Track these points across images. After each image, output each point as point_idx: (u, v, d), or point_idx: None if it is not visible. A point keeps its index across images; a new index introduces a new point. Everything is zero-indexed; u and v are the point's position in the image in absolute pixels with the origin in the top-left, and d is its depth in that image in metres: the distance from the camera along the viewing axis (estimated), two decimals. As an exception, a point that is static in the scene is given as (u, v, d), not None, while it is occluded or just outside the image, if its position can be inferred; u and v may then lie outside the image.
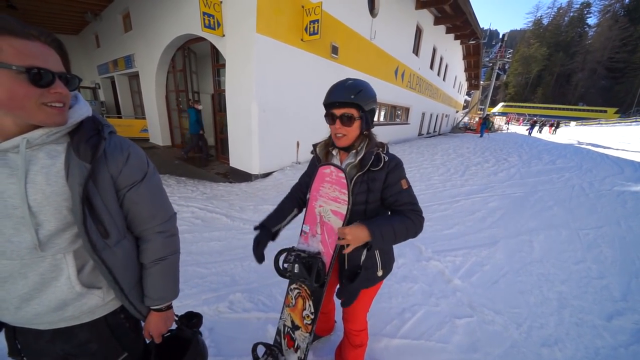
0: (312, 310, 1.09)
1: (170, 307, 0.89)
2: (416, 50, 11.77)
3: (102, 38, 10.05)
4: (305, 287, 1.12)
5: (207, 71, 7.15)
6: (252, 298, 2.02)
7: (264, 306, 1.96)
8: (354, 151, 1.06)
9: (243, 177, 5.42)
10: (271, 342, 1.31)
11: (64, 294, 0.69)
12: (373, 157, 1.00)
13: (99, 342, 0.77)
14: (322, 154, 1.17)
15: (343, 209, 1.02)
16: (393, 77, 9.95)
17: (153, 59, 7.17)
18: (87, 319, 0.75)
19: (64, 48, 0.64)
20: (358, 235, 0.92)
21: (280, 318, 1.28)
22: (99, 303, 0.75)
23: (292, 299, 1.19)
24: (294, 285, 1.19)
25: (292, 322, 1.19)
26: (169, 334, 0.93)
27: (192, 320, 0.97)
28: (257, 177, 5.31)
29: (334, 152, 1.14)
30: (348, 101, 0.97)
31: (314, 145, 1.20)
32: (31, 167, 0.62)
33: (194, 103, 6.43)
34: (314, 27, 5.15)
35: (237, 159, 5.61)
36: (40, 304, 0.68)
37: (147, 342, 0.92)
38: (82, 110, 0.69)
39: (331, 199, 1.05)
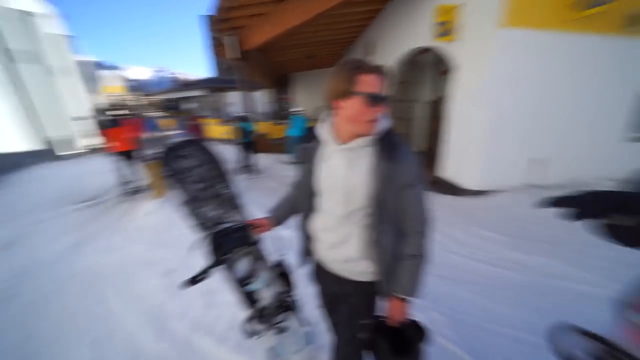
0: None
1: (406, 301, 0.93)
2: None
3: (350, 65, 13.08)
4: None
5: (423, 80, 7.31)
6: (451, 326, 1.83)
7: (459, 348, 1.71)
8: None
9: (449, 189, 4.99)
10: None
11: (349, 253, 0.95)
12: None
13: (356, 298, 1.01)
14: None
15: None
16: None
17: (384, 75, 8.37)
18: (354, 277, 1.00)
19: (386, 75, 0.82)
20: None
21: None
22: (364, 271, 0.97)
23: None
24: None
25: None
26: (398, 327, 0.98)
27: (418, 329, 0.97)
28: (468, 192, 4.67)
29: None
30: None
31: None
32: (354, 161, 0.88)
33: None
34: (598, -5, 3.59)
35: (447, 169, 5.23)
36: (336, 254, 0.99)
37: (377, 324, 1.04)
38: (384, 123, 0.89)
39: None
